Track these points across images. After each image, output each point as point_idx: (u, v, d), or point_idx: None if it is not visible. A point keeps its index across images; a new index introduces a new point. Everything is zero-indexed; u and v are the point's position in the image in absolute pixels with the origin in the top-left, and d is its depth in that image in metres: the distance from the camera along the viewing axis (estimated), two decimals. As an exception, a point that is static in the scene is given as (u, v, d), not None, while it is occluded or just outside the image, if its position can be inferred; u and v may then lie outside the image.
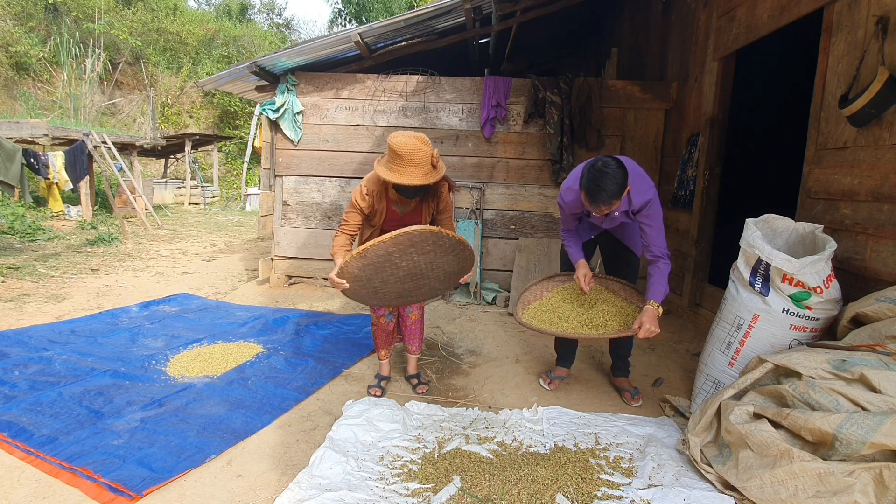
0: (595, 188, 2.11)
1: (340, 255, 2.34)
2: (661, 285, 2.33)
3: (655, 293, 2.33)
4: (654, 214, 2.32)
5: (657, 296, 2.33)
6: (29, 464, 2.00)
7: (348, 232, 2.44)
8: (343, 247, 2.39)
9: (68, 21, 15.15)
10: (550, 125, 4.54)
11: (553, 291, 2.73)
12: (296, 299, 4.58)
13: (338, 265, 2.23)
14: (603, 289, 2.70)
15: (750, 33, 3.32)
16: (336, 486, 1.84)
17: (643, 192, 2.28)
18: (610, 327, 2.44)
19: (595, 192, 2.11)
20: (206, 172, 16.15)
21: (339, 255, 2.34)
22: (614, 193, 2.11)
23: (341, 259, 2.25)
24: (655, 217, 2.32)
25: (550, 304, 2.64)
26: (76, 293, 4.60)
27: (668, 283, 2.36)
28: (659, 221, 2.34)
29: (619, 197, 2.13)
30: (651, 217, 2.32)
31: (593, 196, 2.13)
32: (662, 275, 2.34)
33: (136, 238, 8.06)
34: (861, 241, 2.39)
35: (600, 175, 2.11)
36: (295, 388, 2.73)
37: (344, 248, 2.39)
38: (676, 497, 1.78)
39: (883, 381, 1.67)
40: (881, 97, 2.20)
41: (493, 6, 4.47)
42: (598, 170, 2.13)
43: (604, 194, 2.10)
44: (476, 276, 4.68)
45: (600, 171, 2.12)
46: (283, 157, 4.83)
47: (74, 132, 9.06)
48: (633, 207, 2.32)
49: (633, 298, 2.62)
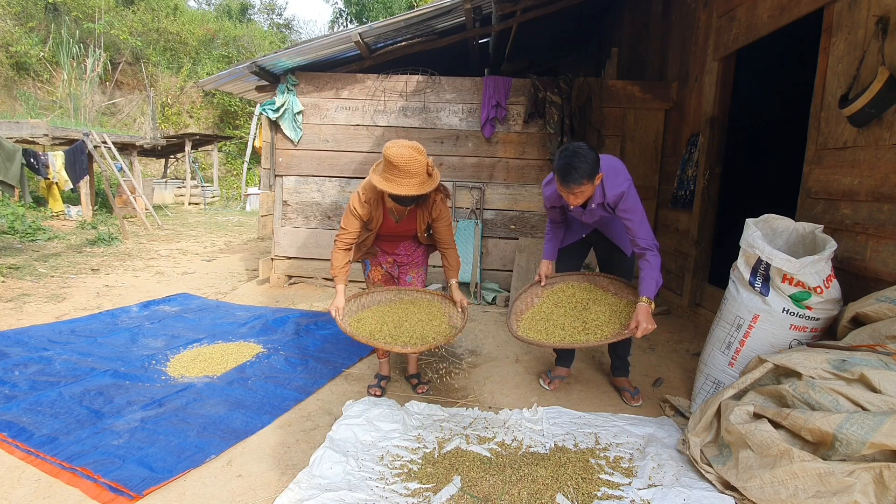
0: (566, 167, 2.15)
1: (341, 279, 2.51)
2: (653, 279, 2.32)
3: (647, 288, 2.32)
4: (632, 208, 2.31)
5: (649, 291, 2.32)
6: (29, 464, 2.00)
7: (348, 242, 2.49)
8: (343, 269, 2.51)
9: (68, 21, 15.15)
10: (550, 125, 4.54)
11: (543, 297, 2.70)
12: (296, 299, 4.58)
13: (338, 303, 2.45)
14: (593, 287, 2.68)
15: (750, 33, 3.32)
16: (336, 486, 1.84)
17: (616, 185, 2.30)
18: (606, 329, 2.41)
19: (566, 171, 2.15)
20: (206, 172, 16.16)
21: (340, 279, 2.51)
22: (585, 173, 2.13)
23: (342, 286, 2.50)
24: (634, 210, 2.32)
25: (543, 311, 2.61)
26: (76, 293, 4.60)
27: (661, 274, 2.35)
28: (639, 213, 2.34)
29: (590, 178, 2.15)
30: (630, 211, 2.32)
31: (564, 175, 2.15)
32: (653, 268, 2.33)
33: (136, 238, 8.06)
34: (861, 241, 2.39)
35: (571, 155, 2.15)
36: (295, 388, 2.73)
37: (344, 271, 2.51)
38: (676, 497, 1.78)
39: (883, 381, 1.67)
40: (881, 97, 2.20)
41: (493, 6, 4.47)
42: (570, 151, 2.17)
43: (574, 173, 2.13)
44: (476, 276, 4.68)
45: (572, 151, 2.17)
46: (283, 157, 4.83)
47: (74, 132, 9.06)
48: (607, 200, 2.33)
49: (623, 293, 2.61)
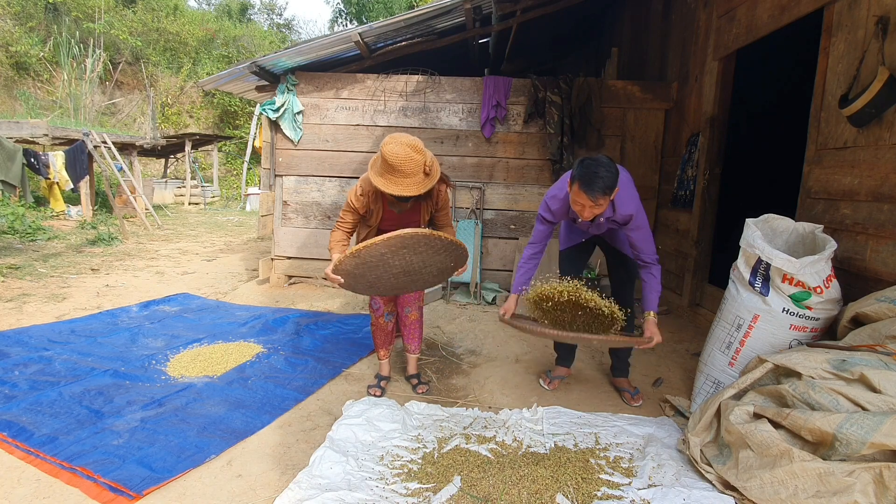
0: (591, 176, 2.12)
1: (337, 250, 2.42)
2: (656, 292, 2.42)
3: (651, 303, 2.41)
4: (640, 225, 2.35)
5: (653, 305, 2.41)
6: (29, 463, 2.00)
7: (345, 229, 2.49)
8: (340, 242, 2.46)
9: (68, 21, 15.14)
10: (550, 125, 4.54)
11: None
12: (296, 299, 4.58)
13: (334, 261, 2.28)
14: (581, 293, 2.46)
15: (750, 33, 3.32)
16: (336, 486, 1.84)
17: (626, 203, 2.30)
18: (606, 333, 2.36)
19: (590, 180, 2.12)
20: (206, 172, 16.15)
21: (336, 250, 2.42)
22: (609, 184, 2.12)
23: (338, 255, 2.34)
24: (642, 227, 2.36)
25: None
26: (76, 293, 4.60)
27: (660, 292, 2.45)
28: (646, 230, 2.37)
29: (611, 190, 2.14)
30: (638, 228, 2.35)
31: (589, 184, 2.12)
32: (656, 281, 2.41)
33: (136, 238, 8.06)
34: (861, 240, 2.39)
35: (595, 164, 2.14)
36: (295, 387, 2.73)
37: (340, 244, 2.45)
38: (676, 497, 1.78)
39: (883, 381, 1.67)
40: (881, 97, 2.20)
41: (493, 6, 4.47)
42: (593, 160, 2.16)
43: (600, 181, 2.11)
44: (476, 276, 4.68)
45: (595, 160, 2.16)
46: (283, 156, 4.83)
47: (74, 132, 9.05)
48: (616, 216, 2.33)
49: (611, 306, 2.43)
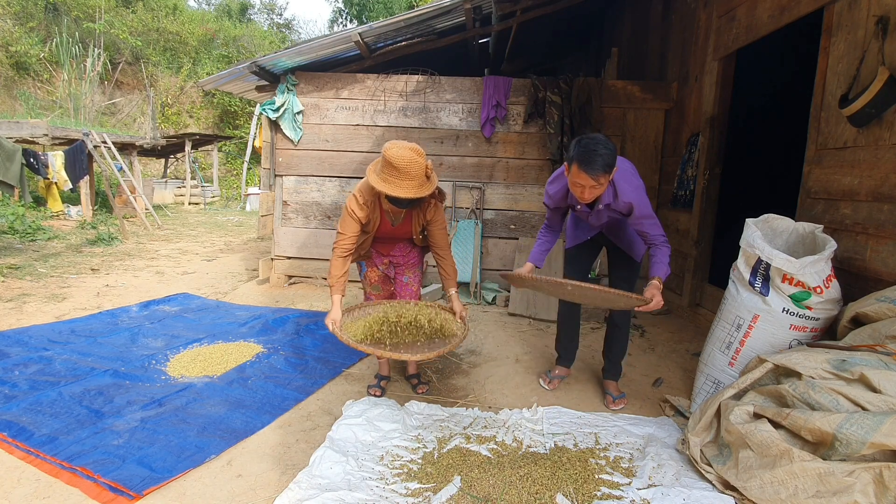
0: (588, 153, 2.09)
1: (339, 290, 2.38)
2: (664, 264, 2.35)
3: (659, 270, 2.33)
4: (646, 214, 2.32)
5: (661, 272, 2.33)
6: (29, 463, 2.00)
7: (347, 249, 2.39)
8: (340, 279, 2.39)
9: (68, 21, 15.14)
10: (550, 125, 4.54)
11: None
12: (296, 299, 4.58)
13: (334, 315, 2.30)
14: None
15: (750, 33, 3.32)
16: (336, 486, 1.84)
17: (627, 190, 2.28)
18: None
19: (590, 158, 2.09)
20: (206, 172, 16.15)
21: (338, 289, 2.38)
22: (608, 161, 2.09)
23: (339, 297, 2.36)
24: (648, 216, 2.33)
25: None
26: (76, 293, 4.60)
27: (669, 265, 2.38)
28: (652, 218, 2.35)
29: (611, 168, 2.11)
30: (644, 217, 2.33)
31: (588, 162, 2.09)
32: (664, 255, 2.36)
33: (136, 238, 8.06)
34: (861, 240, 2.39)
35: (594, 142, 2.11)
36: (295, 387, 2.73)
37: (342, 282, 2.39)
38: (676, 497, 1.79)
39: (883, 381, 1.68)
40: (881, 97, 2.20)
41: (493, 6, 4.47)
42: (591, 138, 2.14)
43: (599, 159, 2.08)
44: (476, 277, 4.68)
45: (593, 138, 2.13)
46: (283, 156, 4.83)
47: (74, 132, 9.05)
48: (616, 204, 2.31)
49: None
